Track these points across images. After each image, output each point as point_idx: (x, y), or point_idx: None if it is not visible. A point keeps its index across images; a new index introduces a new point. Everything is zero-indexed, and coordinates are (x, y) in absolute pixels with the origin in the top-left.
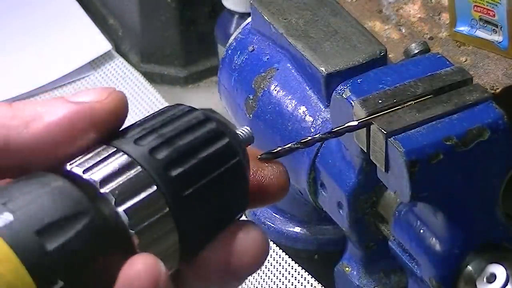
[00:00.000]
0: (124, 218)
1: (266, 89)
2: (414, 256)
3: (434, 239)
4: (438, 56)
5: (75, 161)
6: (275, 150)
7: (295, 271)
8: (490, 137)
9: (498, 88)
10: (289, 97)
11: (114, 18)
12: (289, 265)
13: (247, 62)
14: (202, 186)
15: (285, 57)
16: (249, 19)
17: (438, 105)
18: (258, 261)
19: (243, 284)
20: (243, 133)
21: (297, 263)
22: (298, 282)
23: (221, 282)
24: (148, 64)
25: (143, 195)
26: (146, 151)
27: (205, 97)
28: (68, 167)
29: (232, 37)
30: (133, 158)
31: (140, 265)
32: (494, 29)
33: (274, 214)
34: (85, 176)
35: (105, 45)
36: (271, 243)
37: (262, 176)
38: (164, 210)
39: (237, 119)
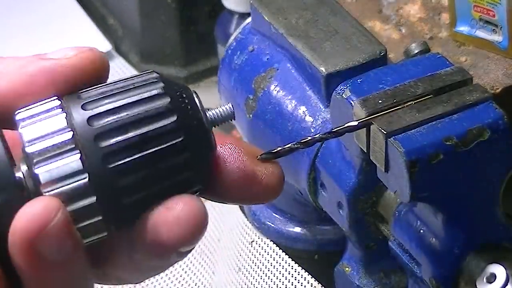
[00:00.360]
0: (39, 180)
1: (266, 89)
2: (414, 256)
3: (434, 239)
4: (438, 56)
5: (23, 111)
6: (275, 150)
7: (295, 271)
8: (490, 137)
9: (498, 88)
10: (289, 97)
11: (114, 18)
12: (289, 265)
13: (247, 62)
14: (131, 161)
15: (285, 57)
16: (249, 19)
17: (438, 105)
18: (189, 234)
19: (243, 284)
20: (217, 113)
21: (297, 263)
22: (298, 282)
23: (154, 255)
24: (148, 64)
25: (64, 161)
26: (86, 118)
27: (205, 97)
28: (16, 116)
29: (232, 37)
30: (70, 122)
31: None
32: (494, 29)
33: (274, 214)
34: (20, 130)
35: (105, 45)
36: (271, 243)
37: (252, 171)
38: (83, 179)
39: (237, 119)
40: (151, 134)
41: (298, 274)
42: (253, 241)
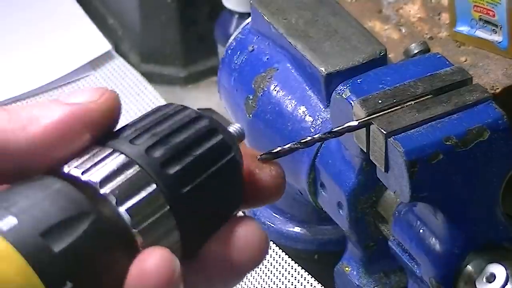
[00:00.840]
0: (126, 217)
1: (266, 89)
2: (414, 256)
3: (434, 239)
4: (438, 56)
5: (73, 163)
6: (275, 150)
7: (295, 271)
8: (490, 137)
9: (498, 88)
10: (289, 97)
11: (114, 18)
12: (289, 265)
13: (247, 62)
14: (200, 182)
15: (285, 57)
16: (249, 19)
17: (438, 105)
18: (258, 255)
19: (243, 284)
20: (235, 130)
21: (297, 263)
22: (298, 282)
23: (222, 278)
24: (148, 64)
25: (143, 194)
26: (143, 150)
27: (205, 97)
28: (66, 169)
29: (232, 37)
30: (130, 158)
31: (156, 258)
32: (494, 29)
33: (274, 214)
34: (84, 177)
35: (105, 45)
36: (271, 243)
37: (257, 177)
38: (165, 208)
39: (237, 119)
40: (208, 153)
41: (298, 274)
42: None
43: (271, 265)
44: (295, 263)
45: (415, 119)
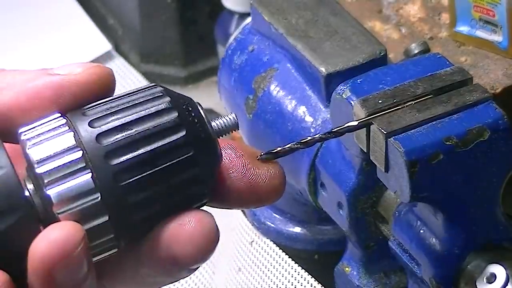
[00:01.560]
0: (51, 201)
1: (266, 89)
2: (414, 256)
3: (434, 239)
4: (438, 56)
5: (29, 129)
6: (275, 150)
7: (295, 271)
8: (490, 137)
9: (498, 88)
10: (289, 97)
11: (114, 18)
12: (289, 265)
13: (247, 62)
14: (142, 178)
15: (285, 57)
16: (249, 19)
17: (438, 105)
18: (202, 251)
19: (243, 284)
20: (222, 123)
21: (297, 263)
22: (298, 282)
23: (165, 271)
24: (148, 64)
25: (75, 181)
26: (94, 135)
27: (205, 97)
28: (23, 134)
29: (232, 37)
30: (79, 141)
31: (59, 229)
32: (494, 29)
33: (274, 214)
34: (28, 150)
35: (105, 45)
36: (271, 243)
37: (255, 176)
38: (96, 199)
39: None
40: (161, 150)
41: (298, 274)
42: (253, 241)
43: (271, 265)
44: (295, 263)
45: (415, 119)
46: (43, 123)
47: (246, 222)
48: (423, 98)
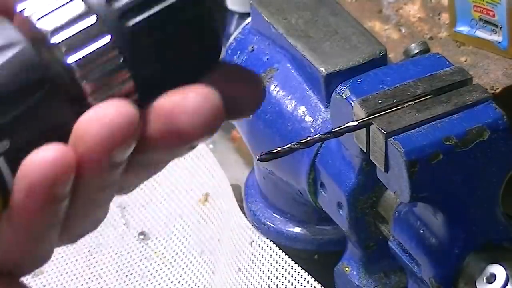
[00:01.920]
0: (76, 69)
1: (266, 89)
2: (414, 256)
3: (434, 239)
4: (438, 56)
5: (31, 3)
6: (275, 150)
7: (295, 271)
8: (490, 137)
9: (498, 88)
10: (289, 97)
11: None
12: (289, 265)
13: (247, 62)
14: (160, 38)
15: (285, 57)
16: (249, 19)
17: (438, 105)
18: (206, 126)
19: (243, 284)
20: None
21: (297, 263)
22: (298, 282)
23: (167, 144)
24: None
25: (95, 46)
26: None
27: None
28: (26, 12)
29: (232, 37)
30: (89, 6)
31: (112, 108)
32: (494, 29)
33: (274, 214)
34: (38, 23)
35: None
36: (271, 243)
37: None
38: (118, 61)
39: None
40: (174, 7)
41: (298, 274)
42: (253, 241)
43: (271, 265)
44: (295, 263)
45: (415, 119)
46: None
47: (246, 222)
48: (423, 98)
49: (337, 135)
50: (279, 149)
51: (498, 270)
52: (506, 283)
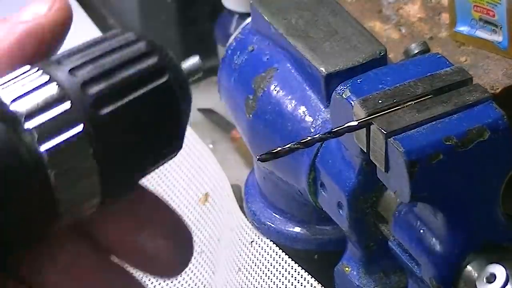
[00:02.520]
0: (46, 157)
1: (266, 89)
2: (414, 256)
3: (434, 239)
4: (438, 56)
5: (5, 83)
6: (275, 150)
7: (295, 271)
8: (490, 137)
9: (498, 88)
10: (289, 97)
11: (114, 18)
12: (289, 265)
13: (247, 62)
14: (130, 127)
15: (285, 57)
16: (249, 19)
17: (438, 105)
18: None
19: (243, 284)
20: (188, 66)
21: (297, 263)
22: (298, 282)
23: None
24: None
25: (68, 134)
26: (79, 84)
27: (205, 97)
28: None
29: (232, 37)
30: (64, 91)
31: None
32: (494, 29)
33: (274, 214)
34: (12, 107)
35: None
36: (271, 243)
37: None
38: (88, 152)
39: (237, 119)
40: (147, 94)
41: (298, 274)
42: (253, 241)
43: (271, 265)
44: (295, 263)
45: (415, 119)
46: (16, 77)
47: (246, 222)
48: (423, 98)
49: (337, 135)
50: (279, 149)
51: (498, 270)
52: (506, 283)
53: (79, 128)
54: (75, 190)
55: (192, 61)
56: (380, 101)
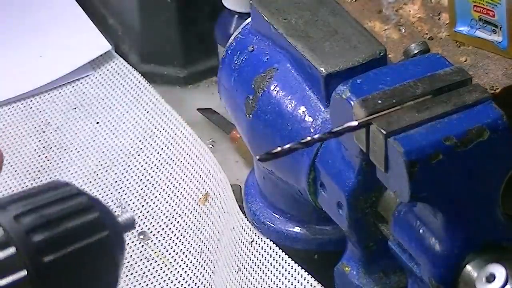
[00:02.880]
0: None
1: (266, 89)
2: (413, 256)
3: (434, 239)
4: (438, 56)
5: None
6: (275, 150)
7: (295, 271)
8: (489, 137)
9: (498, 88)
10: (289, 97)
11: (114, 18)
12: (289, 265)
13: (247, 62)
14: (72, 274)
15: (285, 57)
16: (249, 19)
17: (438, 105)
18: None
19: (243, 284)
20: (124, 220)
21: (297, 263)
22: (298, 282)
23: None
24: (147, 64)
25: (12, 278)
26: (24, 231)
27: (205, 97)
28: None
29: (232, 37)
30: (10, 237)
31: None
32: (494, 29)
33: (274, 214)
34: None
35: (105, 45)
36: (271, 243)
37: None
38: (23, 275)
39: (237, 119)
40: (88, 247)
41: (298, 274)
42: (253, 241)
43: (271, 265)
44: (295, 263)
45: (415, 119)
46: None
47: (246, 222)
48: (423, 98)
49: (337, 135)
50: (279, 149)
51: (498, 270)
52: (505, 283)
53: (23, 273)
54: None
55: (127, 216)
56: (380, 101)
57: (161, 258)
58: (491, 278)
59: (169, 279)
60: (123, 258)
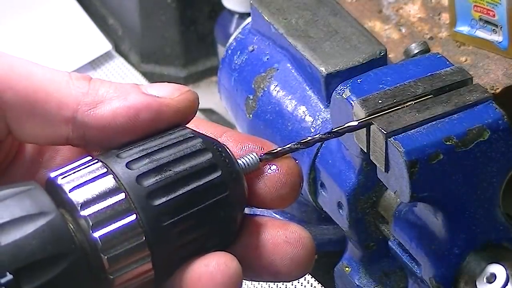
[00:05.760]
0: (99, 243)
1: (266, 89)
2: (414, 256)
3: (434, 239)
4: (438, 56)
5: (66, 174)
6: (275, 150)
7: None
8: (490, 137)
9: (498, 88)
10: (289, 97)
11: (114, 18)
12: None
13: (247, 62)
14: (183, 218)
15: (285, 57)
16: (249, 19)
17: (438, 105)
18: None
19: (243, 284)
20: (245, 162)
21: None
22: (298, 282)
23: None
24: (148, 64)
25: (120, 222)
26: (134, 177)
27: (205, 97)
28: (60, 180)
29: (232, 37)
30: (120, 183)
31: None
32: (494, 29)
33: (274, 214)
34: (70, 195)
35: (105, 45)
36: None
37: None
38: (140, 240)
39: (237, 119)
40: (199, 190)
41: None
42: None
43: None
44: None
45: (415, 119)
46: (77, 166)
47: None
48: (423, 98)
49: (337, 135)
50: (279, 149)
51: (498, 270)
52: (506, 283)
53: (132, 217)
54: (128, 274)
55: (250, 158)
56: (380, 101)
57: None
58: (491, 278)
59: None
60: (243, 201)
